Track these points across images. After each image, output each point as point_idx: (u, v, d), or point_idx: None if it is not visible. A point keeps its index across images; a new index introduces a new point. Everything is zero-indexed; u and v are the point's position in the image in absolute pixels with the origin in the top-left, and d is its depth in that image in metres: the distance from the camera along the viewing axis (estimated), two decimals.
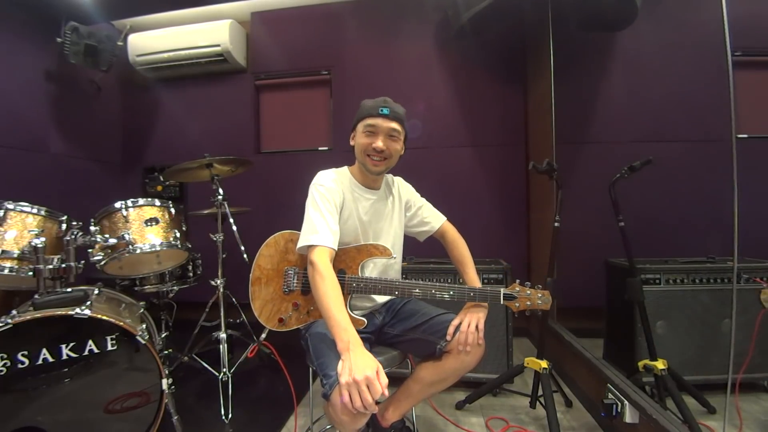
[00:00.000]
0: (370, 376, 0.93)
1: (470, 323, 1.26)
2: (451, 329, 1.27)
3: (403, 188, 1.52)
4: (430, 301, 1.41)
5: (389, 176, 1.51)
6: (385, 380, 0.95)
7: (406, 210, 1.51)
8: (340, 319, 1.08)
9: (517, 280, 1.33)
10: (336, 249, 1.26)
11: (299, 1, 3.08)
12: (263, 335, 2.23)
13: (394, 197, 1.48)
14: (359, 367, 0.94)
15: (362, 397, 0.92)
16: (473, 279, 1.41)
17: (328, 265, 1.19)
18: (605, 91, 2.55)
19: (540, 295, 1.30)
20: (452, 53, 2.89)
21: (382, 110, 1.31)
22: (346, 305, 1.18)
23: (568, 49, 2.38)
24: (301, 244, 1.28)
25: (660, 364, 1.61)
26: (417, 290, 1.29)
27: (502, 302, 1.29)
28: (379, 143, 1.31)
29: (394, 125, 1.33)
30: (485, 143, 2.89)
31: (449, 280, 2.00)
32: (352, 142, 1.40)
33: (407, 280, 1.35)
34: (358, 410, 0.93)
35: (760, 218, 1.49)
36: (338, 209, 1.32)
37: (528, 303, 1.29)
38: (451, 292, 1.28)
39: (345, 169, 1.44)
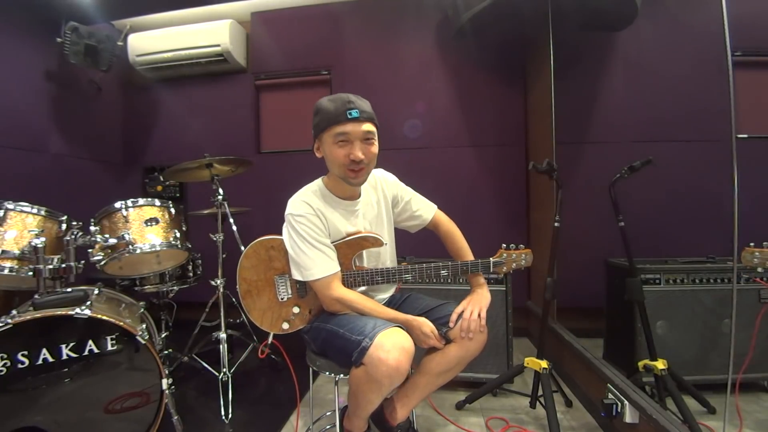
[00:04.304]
0: (432, 342, 1.24)
1: (472, 311, 1.28)
2: (453, 316, 1.29)
3: (387, 184, 1.45)
4: (428, 291, 1.43)
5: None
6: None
7: (393, 206, 1.47)
8: (392, 315, 1.25)
9: (503, 245, 1.41)
10: (339, 269, 1.29)
11: (299, 1, 3.08)
12: (270, 337, 2.22)
13: (378, 197, 1.43)
14: (424, 333, 1.22)
15: (436, 338, 1.24)
16: None
17: (347, 291, 1.28)
18: (605, 91, 2.55)
19: (523, 255, 1.40)
20: (452, 53, 2.89)
21: (350, 113, 1.16)
22: None
23: (568, 49, 2.37)
24: (304, 279, 1.27)
25: (660, 364, 1.61)
26: (414, 273, 1.35)
27: (492, 269, 1.37)
28: (358, 153, 1.19)
29: (368, 126, 1.21)
30: (485, 143, 2.89)
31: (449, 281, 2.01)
32: (318, 154, 1.30)
33: (403, 266, 1.37)
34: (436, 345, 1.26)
35: (760, 218, 1.49)
36: (324, 232, 1.28)
37: (513, 265, 1.39)
38: (446, 271, 1.36)
39: (318, 183, 1.37)
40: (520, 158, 2.84)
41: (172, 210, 1.89)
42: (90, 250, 1.70)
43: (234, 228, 1.97)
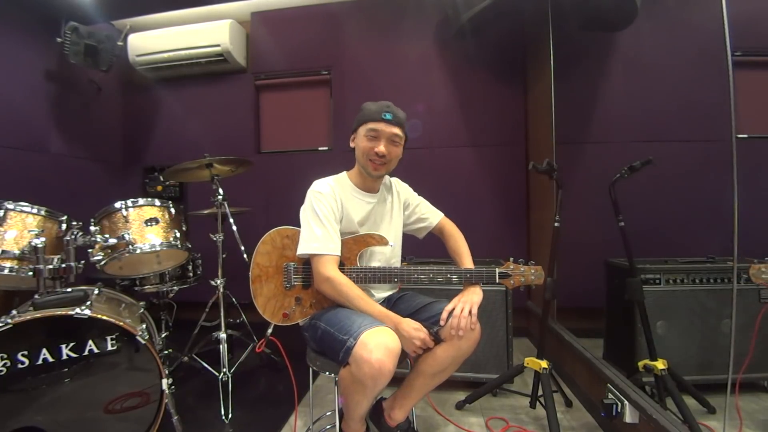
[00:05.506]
0: (423, 335, 1.21)
1: (463, 308, 1.27)
2: (444, 314, 1.28)
3: (400, 188, 1.55)
4: (427, 291, 1.46)
5: (386, 177, 1.53)
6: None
7: (404, 209, 1.54)
8: (378, 310, 1.24)
9: (511, 258, 1.39)
10: (339, 254, 1.31)
11: (299, 1, 3.09)
12: (269, 330, 2.23)
13: (392, 197, 1.51)
14: (415, 328, 1.20)
15: (425, 343, 1.21)
16: (470, 267, 1.43)
17: (341, 274, 1.29)
18: (605, 91, 2.55)
19: (533, 271, 1.36)
20: (452, 53, 2.89)
21: (385, 115, 1.32)
22: None
23: (568, 49, 2.37)
24: (304, 251, 1.31)
25: (660, 364, 1.61)
26: (415, 275, 1.35)
27: (497, 281, 1.35)
28: (381, 148, 1.33)
29: (396, 130, 1.34)
30: (485, 143, 2.89)
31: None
32: (352, 144, 1.42)
33: (405, 267, 1.39)
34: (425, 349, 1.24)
35: (760, 218, 1.49)
36: (336, 216, 1.34)
37: (522, 279, 1.36)
38: (448, 275, 1.35)
39: (343, 175, 1.46)
40: (520, 158, 2.84)
41: (172, 210, 1.89)
42: (90, 250, 1.70)
43: (234, 228, 1.96)
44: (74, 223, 1.68)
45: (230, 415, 1.75)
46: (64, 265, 1.54)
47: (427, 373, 1.31)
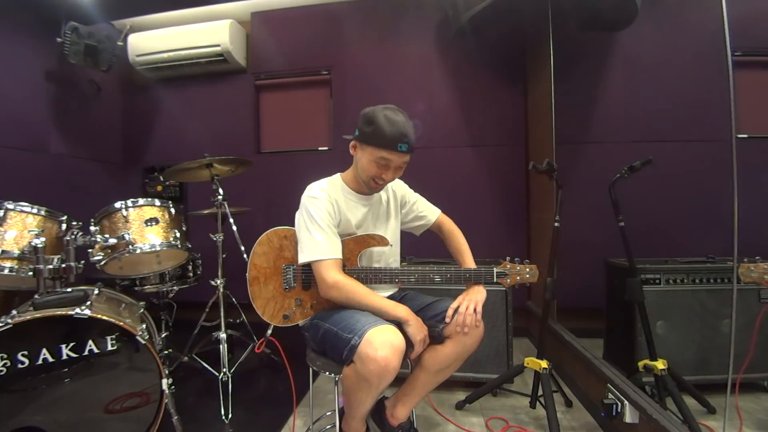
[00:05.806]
0: (426, 333, 1.26)
1: (468, 306, 1.28)
2: (449, 312, 1.29)
3: (396, 186, 1.54)
4: (428, 290, 1.48)
5: None
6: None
7: (401, 206, 1.53)
8: (388, 304, 1.25)
9: (507, 258, 1.40)
10: (341, 257, 1.31)
11: (299, 1, 3.09)
12: (269, 330, 2.23)
13: (389, 196, 1.50)
14: (421, 326, 1.25)
15: (425, 342, 1.26)
16: (471, 266, 1.43)
17: (345, 276, 1.29)
18: (605, 91, 2.55)
19: (528, 269, 1.38)
20: (452, 53, 2.89)
21: (400, 147, 1.26)
22: None
23: (568, 49, 2.37)
24: (307, 259, 1.29)
25: (660, 364, 1.61)
26: (416, 275, 1.36)
27: (495, 280, 1.36)
28: (390, 176, 1.31)
29: (407, 158, 1.32)
30: (485, 143, 2.89)
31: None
32: (353, 152, 1.37)
33: (405, 267, 1.39)
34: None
35: (760, 218, 1.49)
36: (334, 219, 1.33)
37: (518, 278, 1.38)
38: (448, 276, 1.36)
39: (337, 177, 1.45)
40: (520, 158, 2.84)
41: (172, 210, 1.89)
42: (90, 250, 1.70)
43: (234, 228, 1.97)
44: (74, 223, 1.67)
45: (230, 415, 1.75)
46: (64, 265, 1.54)
47: (431, 370, 1.32)
